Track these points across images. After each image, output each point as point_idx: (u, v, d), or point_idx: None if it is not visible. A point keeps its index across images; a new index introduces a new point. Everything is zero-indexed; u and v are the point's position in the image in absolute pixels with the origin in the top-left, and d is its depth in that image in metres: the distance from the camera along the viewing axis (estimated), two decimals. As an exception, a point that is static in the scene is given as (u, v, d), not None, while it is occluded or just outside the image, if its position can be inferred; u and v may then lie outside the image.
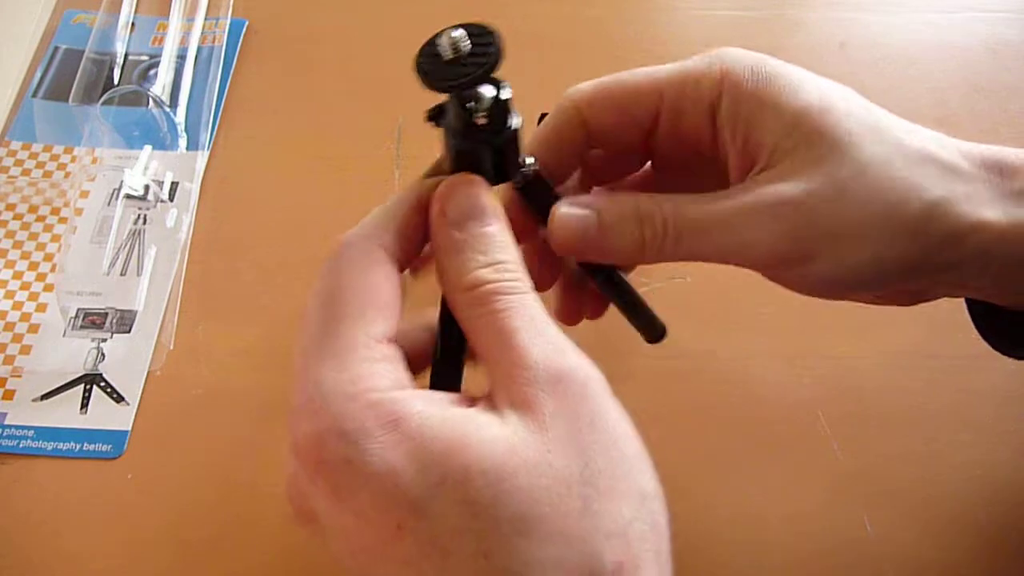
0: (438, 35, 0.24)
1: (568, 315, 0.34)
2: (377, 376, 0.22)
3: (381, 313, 0.24)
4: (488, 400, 0.23)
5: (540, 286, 0.29)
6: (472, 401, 0.24)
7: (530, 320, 0.23)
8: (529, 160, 0.28)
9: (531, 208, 0.30)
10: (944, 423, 0.41)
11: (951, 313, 0.44)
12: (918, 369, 0.42)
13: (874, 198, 0.26)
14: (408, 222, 0.26)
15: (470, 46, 0.24)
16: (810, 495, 0.39)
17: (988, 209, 0.27)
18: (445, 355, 0.27)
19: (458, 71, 0.24)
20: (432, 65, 0.24)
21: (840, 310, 0.44)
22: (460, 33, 0.24)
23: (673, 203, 0.28)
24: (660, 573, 0.22)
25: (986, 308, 0.33)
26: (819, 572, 0.37)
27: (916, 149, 0.27)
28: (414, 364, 0.25)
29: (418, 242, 0.26)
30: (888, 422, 0.41)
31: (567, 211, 0.28)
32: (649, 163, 0.33)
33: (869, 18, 0.57)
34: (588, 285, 0.34)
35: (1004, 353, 0.33)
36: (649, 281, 0.45)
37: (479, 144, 0.26)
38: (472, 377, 0.26)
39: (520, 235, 0.27)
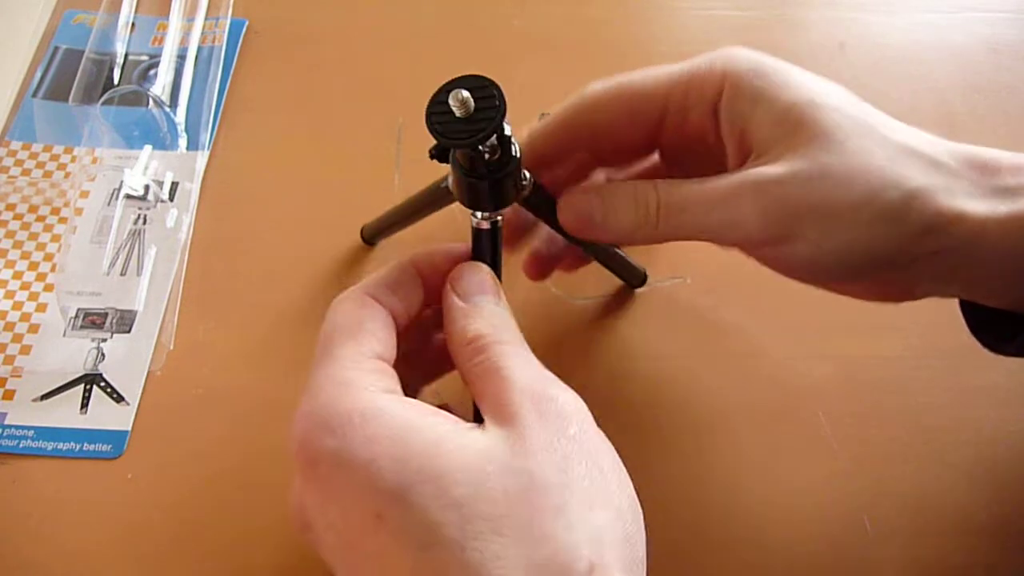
0: (444, 93, 0.26)
1: (537, 273, 0.40)
2: (364, 380, 0.24)
3: (371, 336, 0.26)
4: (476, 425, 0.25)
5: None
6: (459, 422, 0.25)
7: (520, 358, 0.26)
8: (526, 176, 0.31)
9: (533, 211, 0.33)
10: (944, 423, 0.41)
11: (951, 313, 0.44)
12: (918, 369, 0.42)
13: (855, 182, 0.27)
14: (397, 279, 0.29)
15: (471, 106, 0.26)
16: (810, 495, 0.39)
17: (969, 201, 0.27)
18: None
19: (471, 127, 0.26)
20: (444, 123, 0.27)
21: (840, 310, 0.44)
22: (466, 94, 0.26)
23: (666, 185, 0.30)
24: None
25: (975, 304, 0.33)
26: (819, 572, 0.37)
27: (900, 143, 0.28)
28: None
29: (408, 300, 0.29)
30: (888, 422, 0.41)
31: (575, 199, 0.32)
32: (657, 154, 0.35)
33: (869, 18, 0.57)
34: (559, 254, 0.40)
35: (991, 349, 0.33)
36: (649, 281, 0.45)
37: (486, 178, 0.29)
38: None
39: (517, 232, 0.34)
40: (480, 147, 0.28)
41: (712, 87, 0.30)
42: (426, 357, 0.32)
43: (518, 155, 0.29)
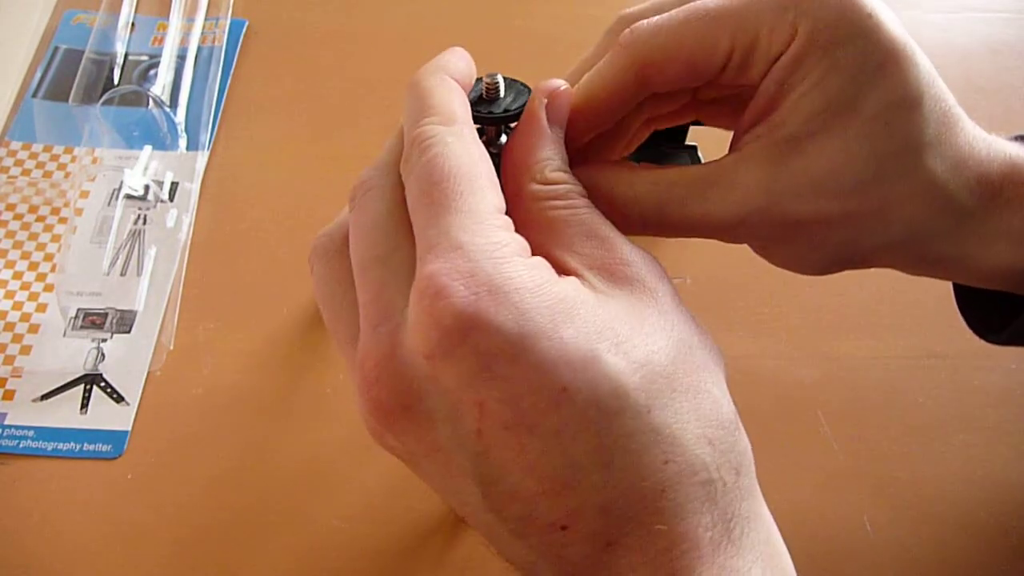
0: (489, 76, 0.27)
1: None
2: (514, 242, 0.22)
3: (492, 185, 0.23)
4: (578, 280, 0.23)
5: None
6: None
7: (607, 221, 0.24)
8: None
9: None
10: (944, 423, 0.41)
11: (951, 313, 0.44)
12: (918, 369, 0.42)
13: (849, 224, 0.26)
14: (463, 101, 0.25)
15: (500, 92, 0.27)
16: (810, 495, 0.39)
17: (964, 245, 0.27)
18: None
19: (484, 109, 0.27)
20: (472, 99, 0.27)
21: (840, 310, 0.45)
22: (500, 78, 0.27)
23: (656, 201, 0.27)
24: None
25: (970, 289, 0.32)
26: (819, 572, 0.37)
27: (926, 175, 0.26)
28: None
29: None
30: (888, 422, 0.41)
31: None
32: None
33: (869, 18, 0.57)
34: None
35: (980, 335, 0.33)
36: (649, 281, 0.45)
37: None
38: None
39: None
40: (493, 145, 0.27)
41: (779, 42, 0.25)
42: None
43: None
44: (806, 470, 0.39)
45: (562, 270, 0.23)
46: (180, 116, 0.51)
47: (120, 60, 0.53)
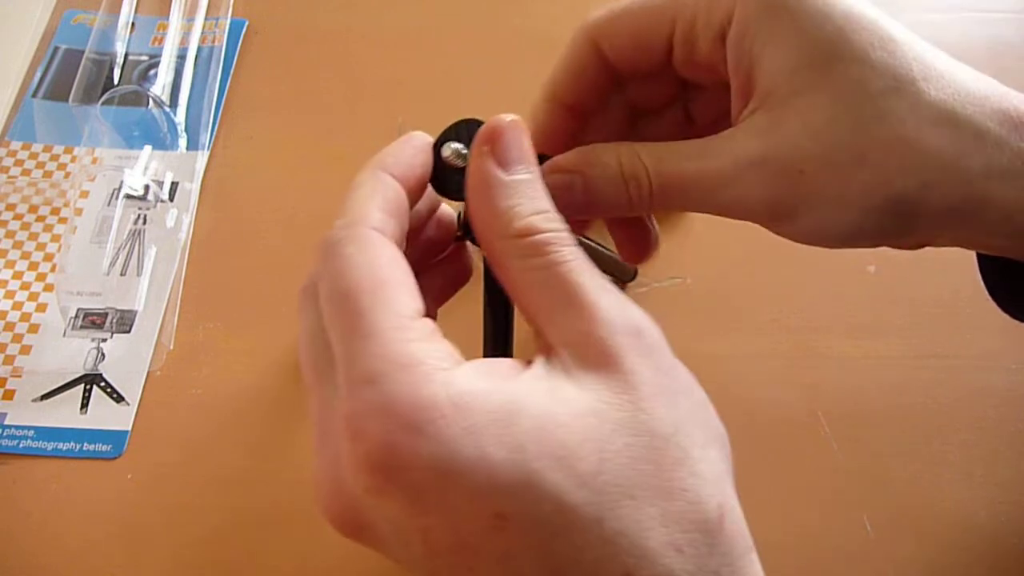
0: (443, 142, 0.25)
1: None
2: (430, 355, 0.20)
3: (402, 289, 0.22)
4: (550, 361, 0.22)
5: None
6: (528, 364, 0.22)
7: (591, 273, 0.22)
8: None
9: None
10: (944, 423, 0.41)
11: (952, 313, 0.44)
12: (918, 369, 0.42)
13: (868, 162, 0.24)
14: (393, 201, 0.24)
15: (465, 160, 0.25)
16: (810, 495, 0.39)
17: (1001, 185, 0.24)
18: (496, 327, 0.27)
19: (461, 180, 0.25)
20: (442, 175, 0.25)
21: (840, 310, 0.44)
22: (459, 146, 0.25)
23: (655, 158, 0.26)
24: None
25: (998, 264, 0.30)
26: (819, 573, 0.37)
27: (938, 104, 0.25)
28: None
29: (402, 219, 0.24)
30: (888, 422, 0.41)
31: (552, 178, 0.27)
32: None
33: (869, 18, 0.57)
34: None
35: (1009, 314, 0.31)
36: (648, 281, 0.45)
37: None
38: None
39: None
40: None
41: (721, 12, 0.26)
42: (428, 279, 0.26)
43: None
44: (806, 470, 0.39)
45: (542, 343, 0.22)
46: (180, 116, 0.51)
47: (120, 60, 0.53)
